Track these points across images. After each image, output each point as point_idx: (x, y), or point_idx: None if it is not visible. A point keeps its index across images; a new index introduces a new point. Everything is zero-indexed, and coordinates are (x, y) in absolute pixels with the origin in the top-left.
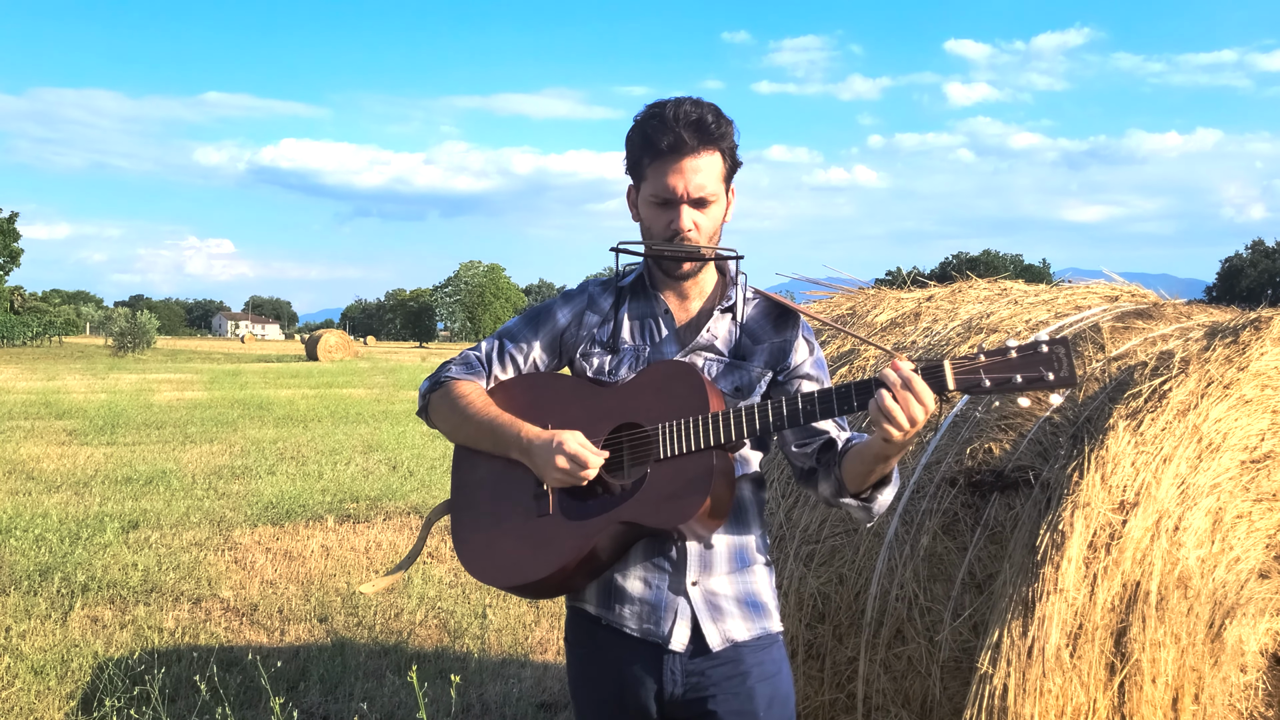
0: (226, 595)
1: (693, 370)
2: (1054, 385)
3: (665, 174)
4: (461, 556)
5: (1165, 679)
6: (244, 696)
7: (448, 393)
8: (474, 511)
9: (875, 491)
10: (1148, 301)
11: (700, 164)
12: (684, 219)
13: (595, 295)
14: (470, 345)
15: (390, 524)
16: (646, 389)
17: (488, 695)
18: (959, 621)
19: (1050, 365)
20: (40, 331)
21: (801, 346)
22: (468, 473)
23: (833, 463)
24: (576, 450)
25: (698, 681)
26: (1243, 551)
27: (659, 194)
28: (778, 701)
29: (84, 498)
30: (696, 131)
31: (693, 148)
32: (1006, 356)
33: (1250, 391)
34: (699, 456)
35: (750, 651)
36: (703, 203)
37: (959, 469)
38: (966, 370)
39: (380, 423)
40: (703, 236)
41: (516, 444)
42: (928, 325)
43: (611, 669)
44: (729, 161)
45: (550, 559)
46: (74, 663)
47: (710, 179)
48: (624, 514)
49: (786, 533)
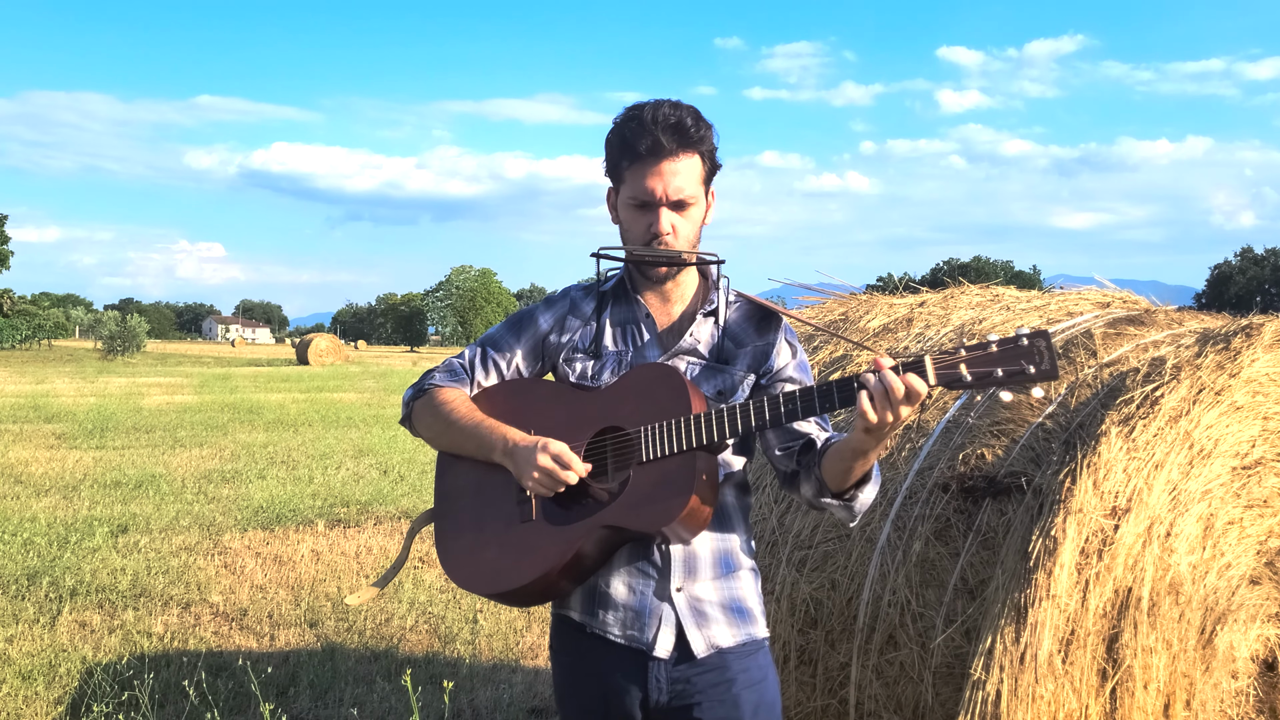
0: (216, 600)
1: (674, 373)
2: (1035, 379)
3: (644, 177)
4: (445, 564)
5: (1157, 685)
6: (233, 702)
7: (430, 400)
8: (457, 519)
9: (856, 490)
10: (1140, 308)
11: (679, 167)
12: (662, 222)
13: (577, 300)
14: (456, 353)
15: (381, 529)
16: (629, 393)
17: (479, 701)
18: (951, 627)
19: (1031, 358)
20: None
21: (784, 349)
22: (450, 480)
23: (812, 463)
24: (559, 452)
25: (683, 689)
26: (1234, 558)
27: (638, 196)
28: (763, 708)
29: (72, 502)
30: (675, 134)
31: (671, 150)
32: (987, 350)
33: (1242, 398)
34: (681, 458)
35: (735, 658)
36: (681, 205)
37: (951, 474)
38: (947, 365)
39: (371, 427)
40: (681, 239)
41: (500, 448)
42: (920, 331)
43: (596, 676)
44: (708, 164)
45: (534, 565)
46: (62, 668)
47: (689, 182)
48: (607, 518)
49: (779, 538)
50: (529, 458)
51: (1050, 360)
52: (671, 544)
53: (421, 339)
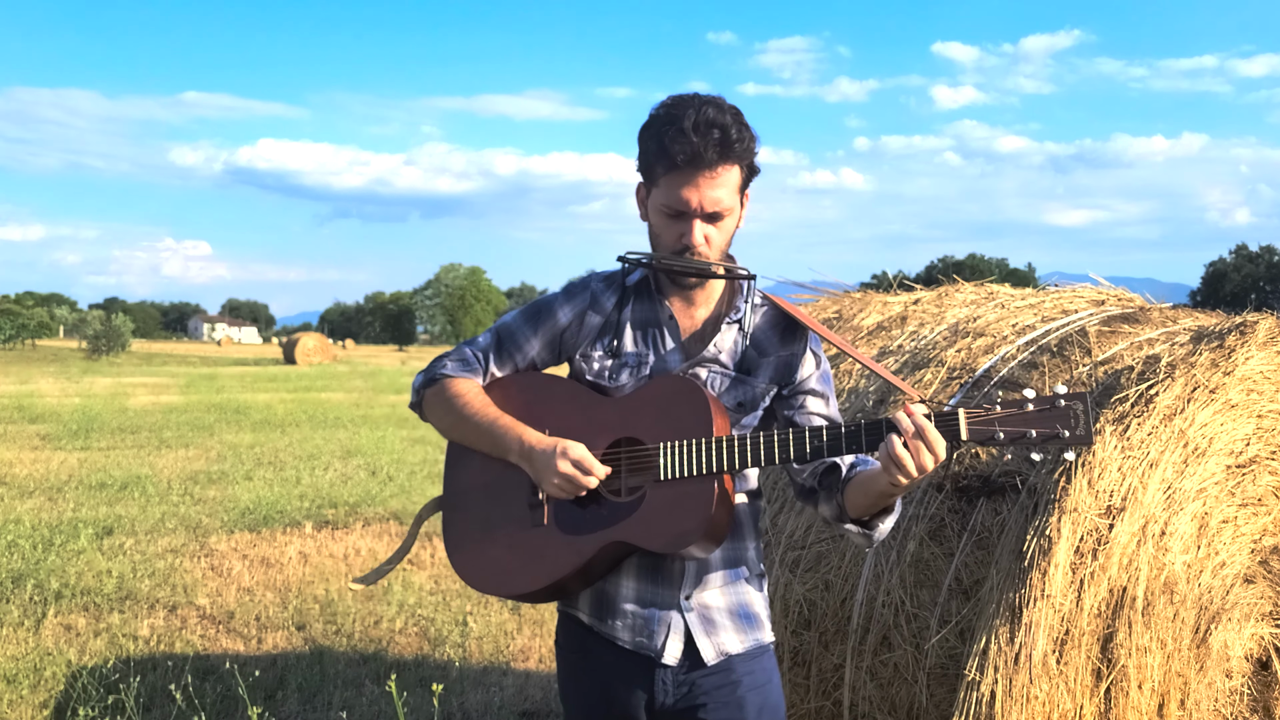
0: (203, 603)
1: (697, 390)
2: (1069, 443)
3: (680, 186)
4: (453, 560)
5: (1151, 684)
6: (221, 705)
7: (443, 391)
8: (467, 514)
9: (877, 520)
10: (1134, 305)
11: (718, 180)
12: (695, 234)
13: (598, 294)
14: (448, 349)
15: (369, 530)
16: (649, 404)
17: (469, 704)
18: (946, 628)
19: (1066, 423)
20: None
21: (809, 360)
22: (461, 473)
23: (835, 487)
24: (580, 458)
25: (689, 691)
26: (1228, 556)
27: (672, 205)
28: (768, 710)
29: (57, 503)
30: (718, 148)
31: (711, 163)
32: (1023, 410)
33: (1236, 396)
34: (700, 481)
35: (741, 661)
36: (717, 217)
37: (946, 475)
38: (981, 421)
39: (359, 427)
40: (714, 251)
41: (517, 449)
42: (914, 329)
43: (602, 679)
44: (746, 173)
45: (543, 572)
46: (47, 671)
47: (727, 193)
48: (620, 534)
49: (772, 539)
50: (549, 462)
51: (1085, 426)
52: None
53: (410, 338)
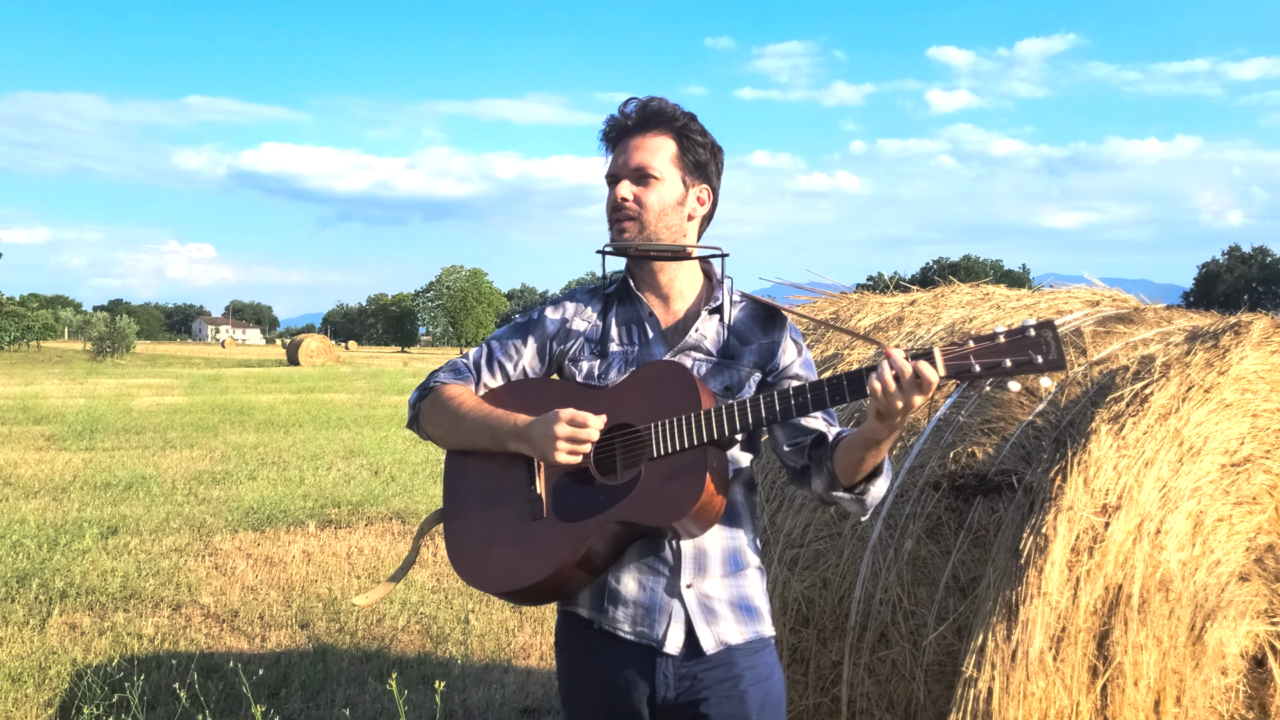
0: (207, 601)
1: (683, 369)
2: (1043, 368)
3: (612, 157)
4: (455, 563)
5: (1147, 682)
6: (225, 704)
7: (437, 396)
8: (467, 518)
9: (868, 484)
10: (1129, 306)
11: (643, 143)
12: (621, 189)
13: (582, 301)
14: (453, 352)
15: (372, 529)
16: (637, 390)
17: (470, 701)
18: (943, 625)
19: (1039, 348)
20: (18, 336)
21: (790, 347)
22: (459, 479)
23: (824, 457)
24: (572, 414)
25: (690, 685)
26: (1223, 554)
27: (607, 175)
28: (770, 705)
29: (62, 503)
30: (638, 112)
31: (633, 129)
32: (995, 341)
33: (1230, 395)
34: (692, 453)
35: (743, 655)
36: (645, 178)
37: (942, 473)
38: (956, 356)
39: (362, 428)
40: (648, 214)
41: (513, 433)
42: (911, 329)
43: (603, 673)
44: (684, 149)
45: (545, 562)
46: (52, 670)
47: (652, 157)
48: (618, 513)
49: (771, 536)
50: (546, 430)
51: (1057, 350)
52: (682, 540)
53: (412, 339)
